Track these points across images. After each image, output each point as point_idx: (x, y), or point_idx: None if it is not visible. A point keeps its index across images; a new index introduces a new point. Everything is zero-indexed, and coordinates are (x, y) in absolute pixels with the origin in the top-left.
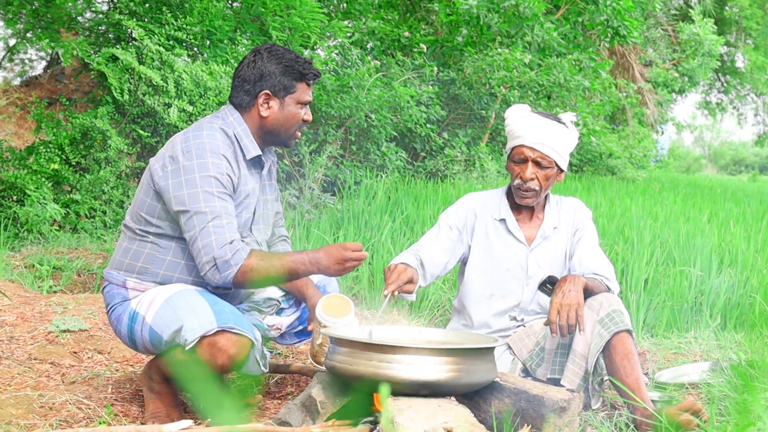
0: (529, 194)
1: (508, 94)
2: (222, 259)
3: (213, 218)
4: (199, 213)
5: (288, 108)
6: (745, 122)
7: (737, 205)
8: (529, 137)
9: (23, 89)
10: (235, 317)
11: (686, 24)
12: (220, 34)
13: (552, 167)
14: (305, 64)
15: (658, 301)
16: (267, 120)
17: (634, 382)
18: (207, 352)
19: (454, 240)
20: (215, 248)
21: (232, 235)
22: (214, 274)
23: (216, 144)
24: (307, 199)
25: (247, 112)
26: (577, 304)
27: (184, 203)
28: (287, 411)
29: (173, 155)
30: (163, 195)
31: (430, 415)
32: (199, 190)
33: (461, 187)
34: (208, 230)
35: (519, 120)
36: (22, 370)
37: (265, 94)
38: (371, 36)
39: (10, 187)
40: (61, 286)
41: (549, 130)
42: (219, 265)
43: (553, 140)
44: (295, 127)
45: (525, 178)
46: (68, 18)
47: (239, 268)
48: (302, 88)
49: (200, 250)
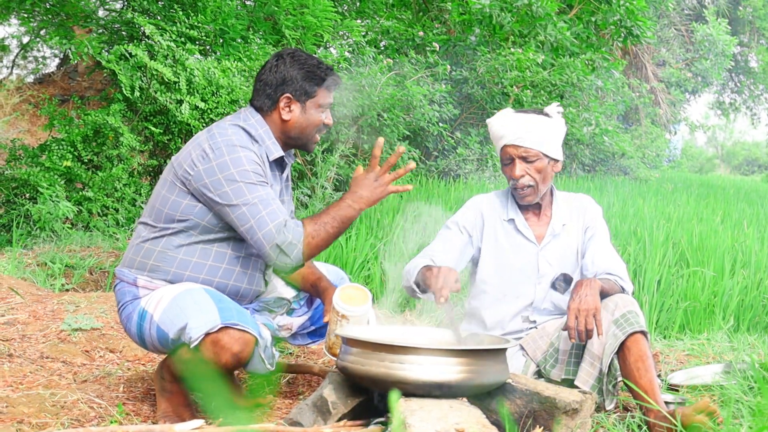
0: (527, 191)
1: (521, 93)
2: (285, 243)
3: (263, 207)
4: (248, 204)
5: (309, 112)
6: (758, 122)
7: (750, 206)
8: (508, 136)
9: (36, 87)
10: (240, 315)
11: (700, 24)
12: (233, 33)
13: (540, 158)
14: (327, 70)
15: (670, 302)
16: (288, 124)
17: (648, 383)
18: (211, 349)
19: (464, 242)
20: (275, 235)
21: (284, 216)
22: (283, 258)
23: (242, 138)
24: (319, 197)
25: (269, 115)
26: (594, 308)
27: (230, 199)
28: (298, 411)
29: (203, 153)
30: (203, 192)
31: (441, 416)
32: (241, 183)
33: (473, 186)
34: (264, 219)
35: (497, 123)
36: (34, 369)
37: (287, 98)
38: (385, 35)
39: (23, 184)
40: (74, 285)
41: (527, 124)
42: (285, 248)
43: (533, 133)
44: (315, 131)
45: (515, 176)
46: (82, 15)
47: (303, 242)
48: (323, 93)
49: (261, 240)
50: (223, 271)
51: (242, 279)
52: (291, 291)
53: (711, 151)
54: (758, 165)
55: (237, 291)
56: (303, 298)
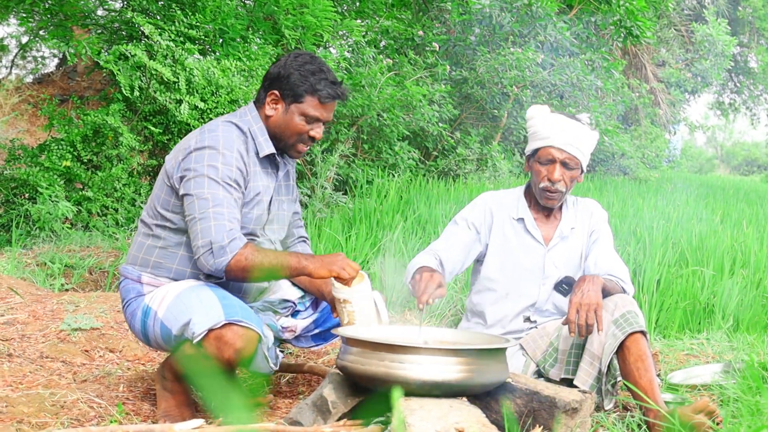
0: (556, 195)
1: (521, 93)
2: (218, 245)
3: (214, 205)
4: (201, 198)
5: (291, 116)
6: (758, 123)
7: (750, 206)
8: (556, 138)
9: (36, 87)
10: (244, 311)
11: (699, 24)
12: (232, 33)
13: (578, 168)
14: (323, 81)
15: (670, 302)
16: (270, 121)
17: (647, 383)
18: (214, 345)
19: (472, 238)
20: (213, 233)
21: (231, 225)
22: (208, 258)
23: (230, 138)
24: (319, 198)
25: (261, 108)
26: (596, 303)
27: (189, 188)
28: (298, 411)
29: (187, 147)
30: (174, 183)
31: (441, 416)
32: (204, 176)
33: (473, 186)
34: (208, 215)
35: (544, 120)
36: (34, 369)
37: (274, 94)
38: (384, 35)
39: (22, 184)
40: (73, 284)
41: (575, 131)
42: (215, 250)
43: (579, 141)
44: (295, 139)
45: (554, 179)
46: (81, 15)
47: (234, 256)
48: (312, 102)
49: (198, 233)
50: None
51: None
52: (296, 292)
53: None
54: (757, 165)
55: (239, 288)
56: (309, 300)
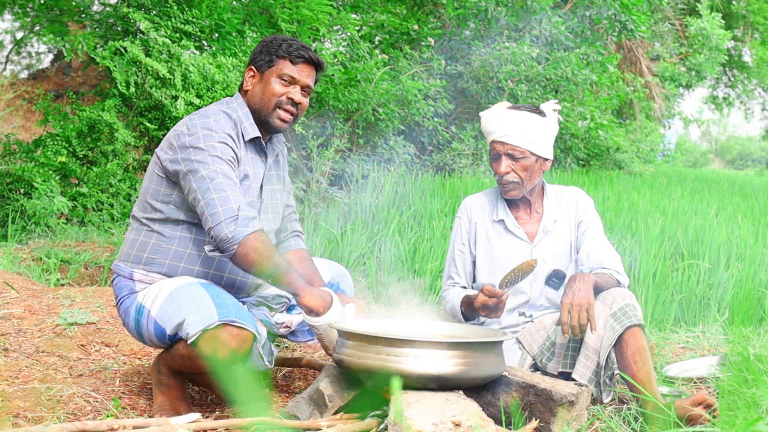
0: (511, 186)
1: (516, 87)
2: (245, 214)
3: (226, 178)
4: (211, 171)
5: (266, 82)
6: (752, 117)
7: (745, 200)
8: (497, 132)
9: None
10: (237, 311)
11: (694, 18)
12: (228, 27)
13: (527, 157)
14: (293, 44)
15: (666, 295)
16: (249, 95)
17: (645, 376)
18: (209, 345)
19: (468, 254)
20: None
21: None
22: (230, 224)
23: (220, 123)
24: (314, 192)
25: (244, 93)
26: (588, 303)
27: (193, 166)
28: (295, 404)
29: (178, 133)
30: (174, 169)
31: (438, 409)
32: (205, 152)
33: (468, 181)
34: (222, 185)
35: (488, 118)
36: (30, 363)
37: (250, 70)
38: (380, 29)
39: (18, 180)
40: (69, 279)
41: (517, 122)
42: (240, 217)
43: (522, 131)
44: (274, 103)
45: (500, 172)
46: (77, 11)
47: (255, 232)
48: (284, 63)
49: (216, 202)
50: (217, 263)
51: (237, 271)
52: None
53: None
54: (752, 159)
55: (233, 283)
56: None
